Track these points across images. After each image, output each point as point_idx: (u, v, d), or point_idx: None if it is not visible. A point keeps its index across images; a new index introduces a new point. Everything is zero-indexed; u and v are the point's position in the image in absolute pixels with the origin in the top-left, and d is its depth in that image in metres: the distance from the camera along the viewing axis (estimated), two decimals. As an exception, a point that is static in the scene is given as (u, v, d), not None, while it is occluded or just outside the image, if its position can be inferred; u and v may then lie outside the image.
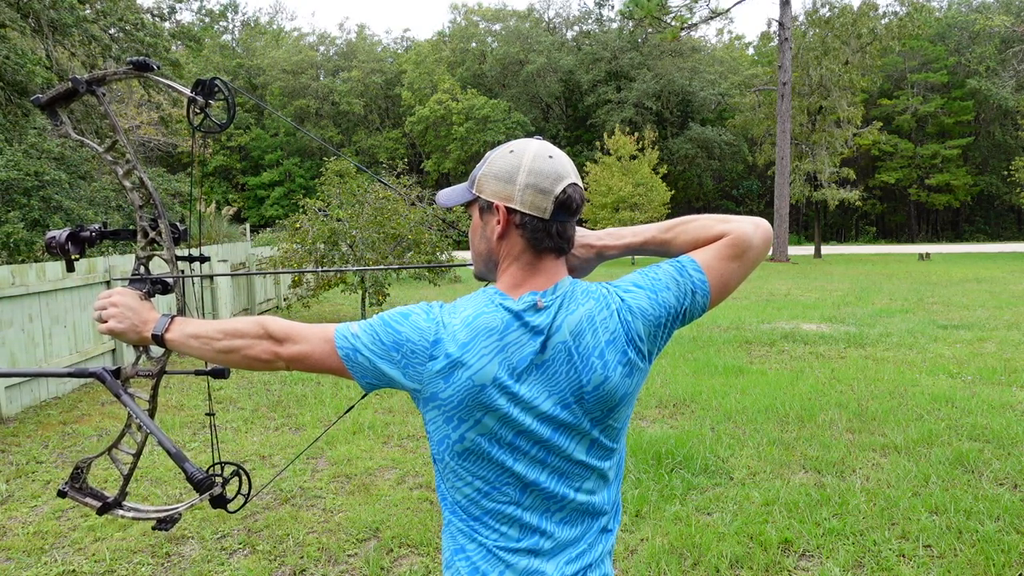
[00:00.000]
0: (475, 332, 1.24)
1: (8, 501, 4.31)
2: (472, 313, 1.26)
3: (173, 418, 6.03)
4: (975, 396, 6.26)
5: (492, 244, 1.31)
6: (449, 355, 1.24)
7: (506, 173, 1.26)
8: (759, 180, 46.85)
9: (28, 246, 9.27)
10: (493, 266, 1.33)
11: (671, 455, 4.72)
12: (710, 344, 9.06)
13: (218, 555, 3.59)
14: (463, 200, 1.34)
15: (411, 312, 1.29)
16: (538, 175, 1.25)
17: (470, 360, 1.23)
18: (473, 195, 1.31)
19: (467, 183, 1.35)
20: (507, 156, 1.27)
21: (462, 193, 1.35)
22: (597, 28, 50.37)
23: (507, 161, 1.27)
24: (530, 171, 1.25)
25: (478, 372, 1.23)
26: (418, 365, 1.26)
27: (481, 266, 1.36)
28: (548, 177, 1.25)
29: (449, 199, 1.37)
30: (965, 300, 13.48)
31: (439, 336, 1.25)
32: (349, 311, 13.39)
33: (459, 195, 1.35)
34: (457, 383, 1.24)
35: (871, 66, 32.41)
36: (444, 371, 1.24)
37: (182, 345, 1.40)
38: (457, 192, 1.37)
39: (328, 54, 52.66)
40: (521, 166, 1.25)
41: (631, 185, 26.61)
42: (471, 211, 1.36)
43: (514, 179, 1.25)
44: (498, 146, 1.33)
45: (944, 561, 3.37)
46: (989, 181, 44.30)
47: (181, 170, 37.50)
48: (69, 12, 12.22)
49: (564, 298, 1.29)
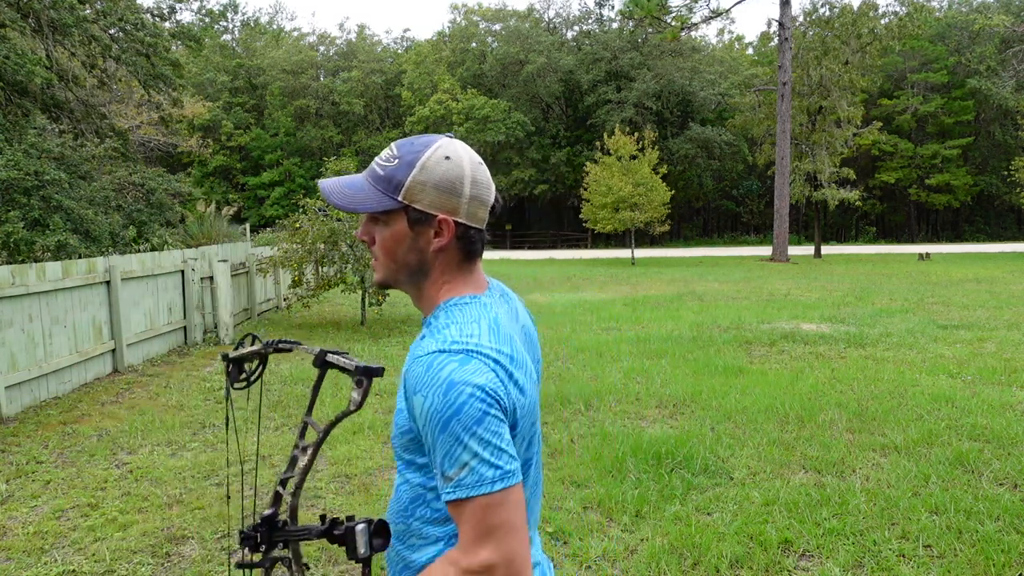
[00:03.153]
0: (508, 337, 1.16)
1: (8, 501, 4.31)
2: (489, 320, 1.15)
3: (173, 418, 6.04)
4: (975, 396, 6.26)
5: (426, 256, 1.20)
6: (515, 379, 1.12)
7: (449, 184, 1.16)
8: (759, 180, 46.86)
9: (28, 246, 9.27)
10: (420, 277, 1.22)
11: (671, 455, 4.72)
12: (710, 344, 9.06)
13: (218, 555, 3.59)
14: (381, 207, 1.17)
15: (475, 395, 1.05)
16: (479, 186, 1.19)
17: (520, 359, 1.16)
18: (400, 203, 1.16)
19: (375, 183, 1.18)
20: (444, 163, 1.16)
21: (376, 197, 1.18)
22: (597, 28, 50.37)
23: (447, 170, 1.16)
24: (473, 182, 1.18)
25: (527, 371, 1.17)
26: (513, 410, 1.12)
27: (402, 275, 1.23)
28: (486, 186, 1.20)
29: (351, 201, 1.18)
30: (965, 300, 13.48)
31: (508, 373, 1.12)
32: (349, 311, 13.39)
33: (371, 199, 1.18)
34: (527, 392, 1.15)
35: (871, 66, 32.43)
36: (519, 392, 1.13)
37: None
38: (366, 193, 1.18)
39: (328, 54, 52.64)
40: (464, 176, 1.17)
41: (631, 185, 26.61)
42: (387, 219, 1.19)
43: (459, 191, 1.17)
44: (410, 143, 1.19)
45: (944, 561, 3.37)
46: (989, 181, 44.30)
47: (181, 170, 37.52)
48: (69, 12, 12.21)
49: (503, 293, 1.30)
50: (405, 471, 1.20)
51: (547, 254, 37.66)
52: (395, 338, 10.13)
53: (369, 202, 1.18)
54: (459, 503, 1.04)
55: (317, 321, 12.11)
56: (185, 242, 15.12)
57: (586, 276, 21.61)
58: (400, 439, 1.17)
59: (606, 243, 45.65)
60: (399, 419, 1.17)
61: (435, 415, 1.04)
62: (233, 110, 46.69)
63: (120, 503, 4.24)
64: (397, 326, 11.31)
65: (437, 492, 1.15)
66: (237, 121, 46.18)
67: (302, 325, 11.64)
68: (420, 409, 1.07)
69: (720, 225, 52.89)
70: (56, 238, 9.32)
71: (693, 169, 44.57)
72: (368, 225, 1.23)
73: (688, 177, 44.39)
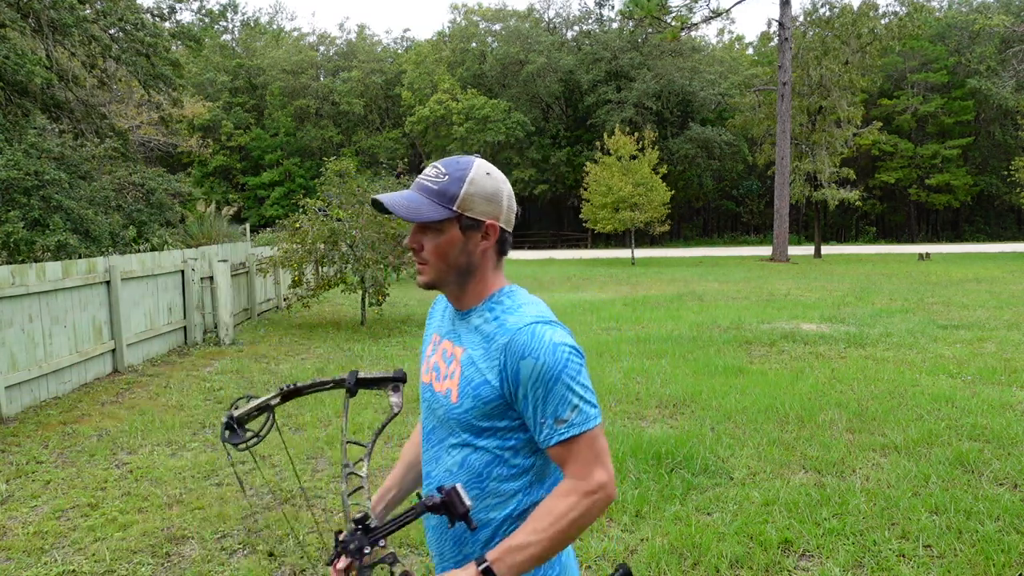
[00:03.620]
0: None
1: (8, 501, 4.31)
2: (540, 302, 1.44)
3: (173, 418, 6.04)
4: (975, 396, 6.26)
5: (474, 257, 1.41)
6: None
7: (493, 195, 1.40)
8: (759, 180, 46.84)
9: (28, 246, 9.27)
10: (467, 275, 1.42)
11: (671, 455, 4.72)
12: (710, 344, 9.06)
13: (218, 555, 3.59)
14: (440, 216, 1.37)
15: (572, 352, 1.34)
16: (511, 197, 1.45)
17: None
18: (455, 212, 1.37)
19: (430, 196, 1.37)
20: (487, 178, 1.39)
21: (434, 208, 1.37)
22: (597, 28, 50.35)
23: (490, 183, 1.39)
24: (508, 194, 1.43)
25: None
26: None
27: (452, 275, 1.42)
28: (513, 197, 1.46)
29: (415, 213, 1.37)
30: (965, 300, 13.48)
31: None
32: (349, 311, 13.39)
33: (431, 210, 1.37)
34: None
35: (871, 66, 32.43)
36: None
37: (513, 568, 1.30)
38: (425, 206, 1.37)
39: (328, 54, 52.63)
40: (502, 189, 1.41)
41: (631, 185, 26.60)
42: (441, 227, 1.38)
43: (501, 201, 1.41)
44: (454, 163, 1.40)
45: (944, 561, 3.37)
46: (989, 181, 44.29)
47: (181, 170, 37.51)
48: (69, 12, 12.21)
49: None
50: (476, 440, 1.39)
51: (547, 254, 37.66)
52: (395, 338, 10.13)
53: (430, 212, 1.37)
54: (572, 440, 1.31)
55: (317, 321, 12.11)
56: (185, 242, 15.12)
57: (586, 276, 21.61)
58: (481, 409, 1.36)
59: (606, 243, 45.64)
60: (483, 391, 1.36)
61: (549, 371, 1.29)
62: (233, 110, 46.67)
63: (120, 503, 4.24)
64: (397, 326, 11.31)
65: (515, 451, 1.38)
66: (237, 121, 46.15)
67: (302, 325, 11.64)
68: (531, 369, 1.30)
69: (720, 225, 52.88)
70: (56, 238, 9.31)
71: (693, 169, 44.55)
72: (417, 234, 1.42)
73: (688, 177, 44.37)
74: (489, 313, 1.41)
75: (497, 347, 1.35)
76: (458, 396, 1.39)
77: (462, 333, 1.44)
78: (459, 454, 1.41)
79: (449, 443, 1.43)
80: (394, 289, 14.92)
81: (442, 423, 1.45)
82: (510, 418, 1.36)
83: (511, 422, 1.37)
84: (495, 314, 1.40)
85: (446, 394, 1.43)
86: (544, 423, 1.31)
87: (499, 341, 1.35)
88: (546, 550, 1.29)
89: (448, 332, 1.50)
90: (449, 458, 1.43)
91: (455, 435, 1.41)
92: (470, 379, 1.37)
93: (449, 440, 1.43)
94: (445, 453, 1.44)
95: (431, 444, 1.49)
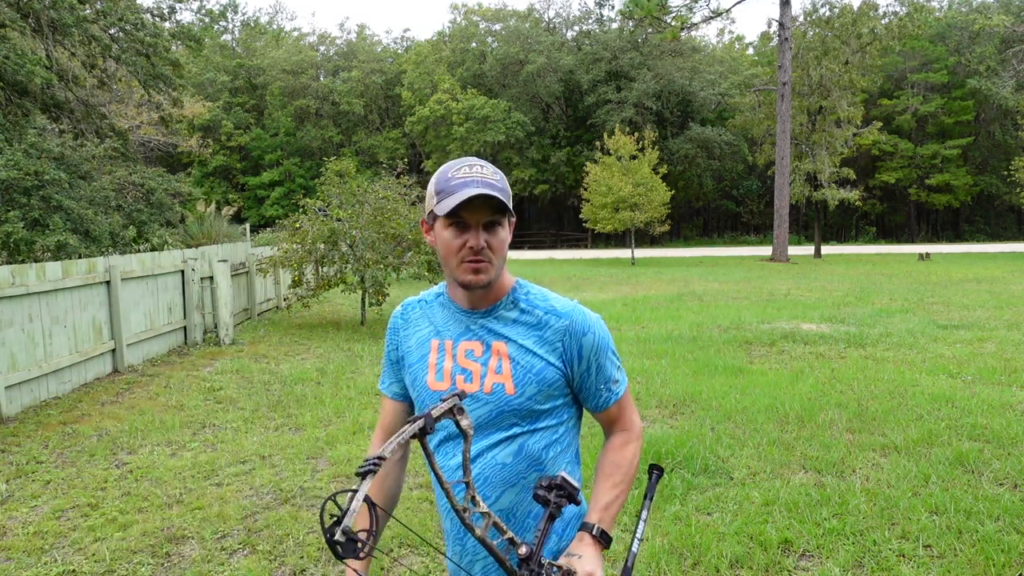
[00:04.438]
0: None
1: (8, 501, 4.31)
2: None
3: (173, 418, 6.03)
4: (975, 396, 6.26)
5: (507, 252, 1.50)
6: None
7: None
8: (759, 180, 46.85)
9: (28, 246, 9.27)
10: (502, 271, 1.48)
11: (671, 455, 4.72)
12: (710, 344, 9.06)
13: (218, 555, 3.59)
14: (511, 217, 1.45)
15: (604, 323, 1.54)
16: None
17: None
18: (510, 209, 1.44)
19: (503, 195, 1.40)
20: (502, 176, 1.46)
21: (509, 206, 1.42)
22: (597, 28, 50.35)
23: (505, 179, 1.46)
24: None
25: None
26: None
27: (499, 270, 1.46)
28: None
29: (510, 205, 1.43)
30: (965, 300, 13.48)
31: None
32: (349, 311, 13.39)
33: (510, 206, 1.43)
34: None
35: (871, 66, 32.42)
36: None
37: (614, 520, 1.47)
38: (508, 202, 1.41)
39: (328, 54, 52.62)
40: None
41: (631, 185, 26.60)
42: (504, 223, 1.44)
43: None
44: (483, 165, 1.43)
45: (944, 561, 3.37)
46: (989, 181, 44.29)
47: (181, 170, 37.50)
48: (69, 12, 12.21)
49: None
50: (535, 424, 1.47)
51: (547, 254, 37.66)
52: (395, 338, 10.12)
53: (510, 207, 1.42)
54: (623, 397, 1.55)
55: (317, 321, 12.11)
56: (185, 242, 15.12)
57: (586, 276, 21.61)
58: (545, 392, 1.46)
59: (606, 243, 45.64)
60: (546, 374, 1.45)
61: (602, 341, 1.49)
62: (233, 110, 46.67)
63: (120, 503, 4.23)
64: (397, 326, 11.29)
65: (567, 426, 1.52)
66: (237, 121, 46.15)
67: (302, 325, 11.64)
68: (592, 342, 1.47)
69: (720, 225, 52.86)
70: (56, 238, 9.31)
71: (693, 169, 44.55)
72: (482, 232, 1.41)
73: (688, 177, 44.37)
74: (524, 304, 1.48)
75: (555, 330, 1.45)
76: (516, 386, 1.43)
77: (495, 328, 1.47)
78: (511, 445, 1.45)
79: (494, 440, 1.45)
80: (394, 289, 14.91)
81: (485, 421, 1.45)
82: (565, 395, 1.49)
83: (566, 399, 1.50)
84: (531, 304, 1.48)
85: (493, 390, 1.44)
86: (603, 388, 1.50)
87: (555, 325, 1.45)
88: (625, 493, 1.50)
89: (464, 333, 1.49)
90: (500, 452, 1.45)
91: (505, 428, 1.45)
92: (529, 366, 1.44)
93: (494, 437, 1.45)
94: (488, 451, 1.45)
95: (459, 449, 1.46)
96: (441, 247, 1.43)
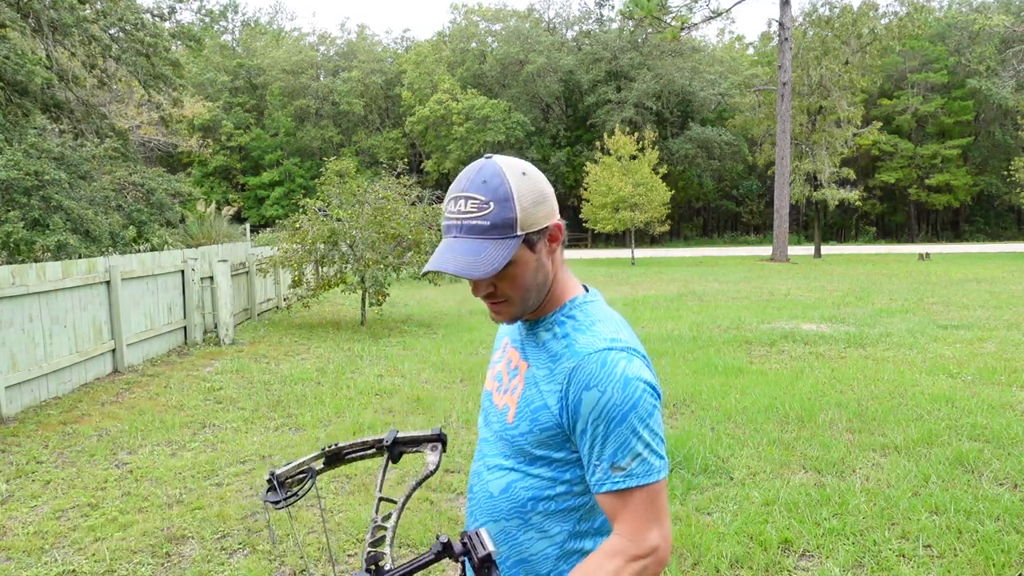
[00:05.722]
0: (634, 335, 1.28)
1: (8, 501, 4.31)
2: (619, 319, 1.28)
3: (173, 418, 6.03)
4: (975, 396, 6.26)
5: (548, 266, 1.24)
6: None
7: (540, 194, 1.21)
8: (759, 180, 46.85)
9: (28, 246, 9.27)
10: (545, 287, 1.24)
11: (671, 455, 4.72)
12: (710, 344, 9.06)
13: (218, 555, 3.59)
14: (512, 252, 1.16)
15: (647, 390, 1.17)
16: (545, 179, 1.27)
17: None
18: (520, 236, 1.17)
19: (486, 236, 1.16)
20: (524, 179, 1.20)
21: (502, 246, 1.16)
22: (597, 28, 50.36)
23: (532, 184, 1.20)
24: (544, 179, 1.25)
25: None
26: None
27: (533, 298, 1.24)
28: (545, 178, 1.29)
29: (489, 265, 1.15)
30: (965, 300, 13.48)
31: (652, 371, 1.25)
32: (349, 311, 13.39)
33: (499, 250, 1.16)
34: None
35: (871, 66, 32.42)
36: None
37: None
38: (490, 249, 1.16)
39: (328, 54, 52.63)
40: (542, 180, 1.24)
41: (631, 185, 26.60)
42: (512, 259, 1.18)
43: (548, 194, 1.23)
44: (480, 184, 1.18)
45: (944, 561, 3.37)
46: (989, 181, 44.31)
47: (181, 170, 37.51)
48: (69, 12, 12.22)
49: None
50: (528, 468, 1.23)
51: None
52: (395, 338, 10.13)
53: (500, 254, 1.15)
54: (627, 492, 1.13)
55: (317, 321, 12.11)
56: (185, 242, 15.12)
57: (586, 276, 21.61)
58: (537, 436, 1.21)
59: (606, 243, 45.65)
60: (541, 416, 1.20)
61: (614, 408, 1.12)
62: (233, 110, 46.68)
63: (120, 503, 4.23)
64: (397, 326, 11.31)
65: (569, 486, 1.21)
66: (237, 121, 46.15)
67: (302, 325, 11.64)
68: (594, 403, 1.13)
69: (720, 225, 52.87)
70: (56, 238, 9.32)
71: (693, 169, 44.57)
72: (482, 281, 1.21)
73: (688, 177, 44.39)
74: (559, 328, 1.24)
75: (562, 371, 1.18)
76: (515, 416, 1.25)
77: (528, 346, 1.29)
78: (504, 478, 1.27)
79: (496, 462, 1.30)
80: (394, 289, 14.92)
81: (495, 438, 1.32)
82: (568, 450, 1.20)
83: (568, 454, 1.20)
84: (564, 330, 1.23)
85: (503, 410, 1.30)
86: (599, 466, 1.14)
87: (565, 364, 1.18)
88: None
89: (516, 340, 1.34)
90: (493, 479, 1.29)
91: (505, 456, 1.28)
92: (530, 400, 1.23)
93: (496, 459, 1.30)
94: (488, 472, 1.31)
95: (479, 456, 1.37)
96: None
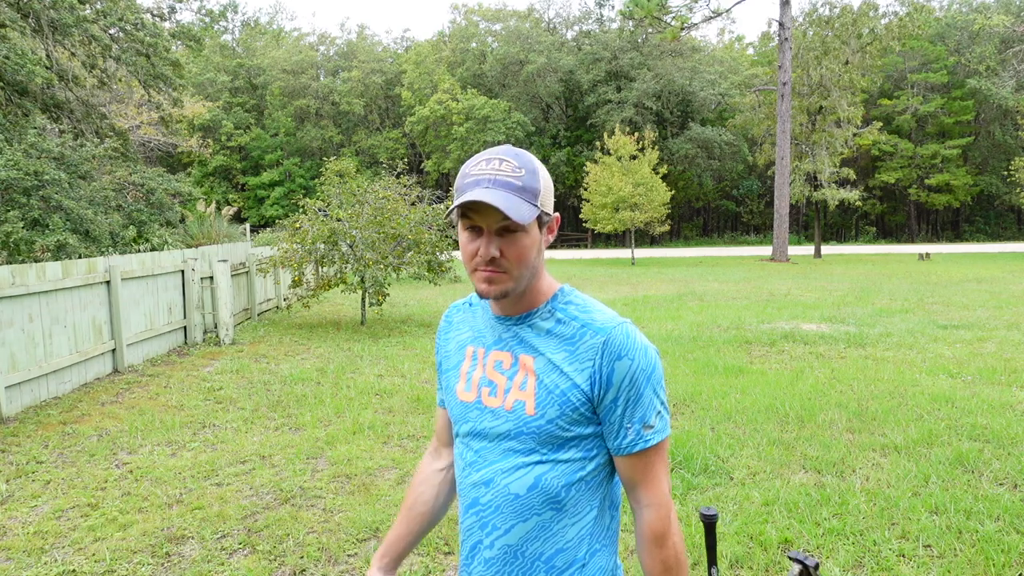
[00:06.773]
0: None
1: (8, 501, 4.31)
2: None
3: (173, 418, 6.04)
4: (975, 396, 6.26)
5: (542, 256, 1.32)
6: None
7: (551, 185, 1.30)
8: (759, 180, 46.88)
9: (28, 246, 9.27)
10: (535, 276, 1.31)
11: (671, 455, 4.72)
12: (710, 344, 9.06)
13: (218, 555, 3.59)
14: (533, 216, 1.23)
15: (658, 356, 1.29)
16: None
17: None
18: (539, 210, 1.25)
19: (520, 195, 1.23)
20: (543, 171, 1.29)
21: (529, 208, 1.23)
22: (597, 28, 50.37)
23: (546, 174, 1.30)
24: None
25: None
26: None
27: (526, 279, 1.29)
28: None
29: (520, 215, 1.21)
30: (965, 300, 13.48)
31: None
32: (349, 311, 13.39)
33: (528, 210, 1.23)
34: None
35: (871, 66, 32.43)
36: None
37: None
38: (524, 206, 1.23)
39: (328, 54, 52.65)
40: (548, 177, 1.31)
41: (631, 185, 26.61)
42: (527, 228, 1.25)
43: (552, 189, 1.30)
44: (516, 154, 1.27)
45: (944, 561, 3.37)
46: (989, 181, 44.33)
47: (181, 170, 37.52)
48: (69, 12, 12.22)
49: None
50: (557, 454, 1.28)
51: (547, 254, 37.68)
52: (395, 338, 10.13)
53: (528, 213, 1.22)
54: (656, 446, 1.27)
55: (317, 321, 12.11)
56: (185, 242, 15.13)
57: (586, 276, 21.61)
58: (569, 416, 1.27)
59: (606, 243, 45.67)
60: (571, 396, 1.26)
61: (642, 373, 1.24)
62: (233, 110, 46.69)
63: (120, 503, 4.23)
64: (397, 326, 11.31)
65: (598, 461, 1.30)
66: (237, 121, 46.16)
67: (302, 325, 11.64)
68: (626, 370, 1.24)
69: (720, 225, 52.89)
70: (56, 238, 9.32)
71: (693, 169, 44.58)
72: (496, 239, 1.25)
73: (688, 177, 44.40)
74: (561, 314, 1.30)
75: (589, 347, 1.25)
76: (537, 406, 1.27)
77: (526, 339, 1.31)
78: (530, 474, 1.28)
79: (513, 463, 1.30)
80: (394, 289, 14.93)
81: (501, 440, 1.31)
82: (595, 424, 1.28)
83: (596, 428, 1.28)
84: (570, 313, 1.30)
85: (514, 408, 1.29)
86: (631, 427, 1.25)
87: (590, 341, 1.26)
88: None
89: (496, 342, 1.36)
90: (514, 480, 1.29)
91: (525, 453, 1.29)
92: (553, 385, 1.26)
93: (513, 460, 1.30)
94: (504, 475, 1.30)
95: (479, 467, 1.35)
96: (460, 249, 1.30)
